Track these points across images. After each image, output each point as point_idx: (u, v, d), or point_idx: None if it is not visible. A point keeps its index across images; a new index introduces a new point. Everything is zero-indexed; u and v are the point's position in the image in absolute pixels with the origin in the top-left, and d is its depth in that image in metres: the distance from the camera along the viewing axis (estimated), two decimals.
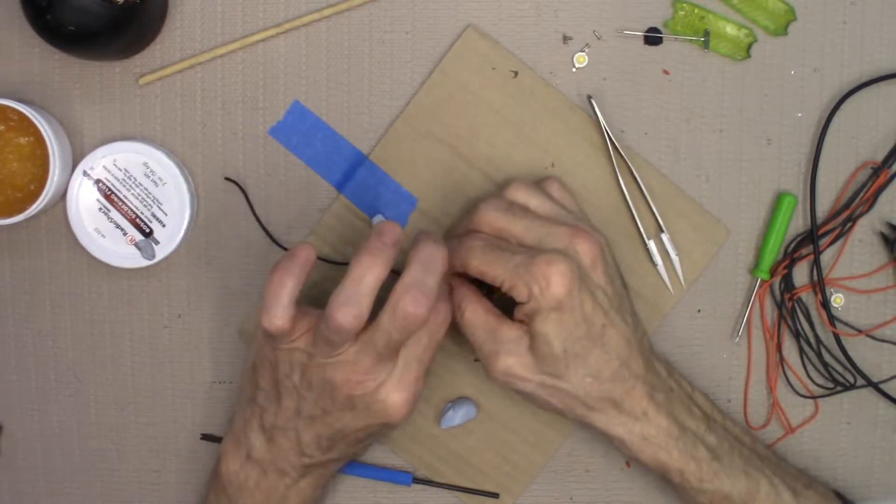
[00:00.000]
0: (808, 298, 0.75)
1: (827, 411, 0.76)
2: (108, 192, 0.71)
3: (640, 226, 0.74)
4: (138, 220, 0.72)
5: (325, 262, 0.74)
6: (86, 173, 0.71)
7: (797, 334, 0.75)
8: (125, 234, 0.72)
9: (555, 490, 0.76)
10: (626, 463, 0.76)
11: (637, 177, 0.73)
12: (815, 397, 0.75)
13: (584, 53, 0.74)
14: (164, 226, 0.72)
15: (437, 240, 0.64)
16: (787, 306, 0.74)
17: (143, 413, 0.75)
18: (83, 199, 0.71)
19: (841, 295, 0.75)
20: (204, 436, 0.76)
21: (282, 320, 0.63)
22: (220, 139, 0.74)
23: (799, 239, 0.74)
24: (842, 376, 0.75)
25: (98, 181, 0.71)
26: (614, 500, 0.76)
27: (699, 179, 0.75)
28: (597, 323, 0.65)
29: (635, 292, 0.74)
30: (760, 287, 0.74)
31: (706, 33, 0.73)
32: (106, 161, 0.71)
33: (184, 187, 0.72)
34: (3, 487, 0.76)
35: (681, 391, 0.69)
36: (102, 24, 0.66)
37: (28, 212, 0.69)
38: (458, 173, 0.74)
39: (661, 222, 0.74)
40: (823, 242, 0.74)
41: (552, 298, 0.64)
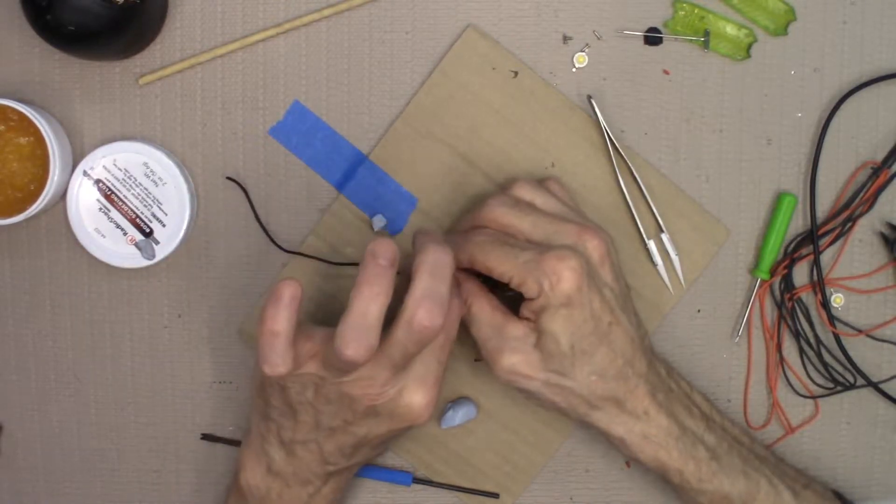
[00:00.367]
0: (808, 298, 0.75)
1: (827, 411, 0.76)
2: (108, 192, 0.71)
3: (640, 226, 0.74)
4: (138, 220, 0.72)
5: (326, 263, 0.74)
6: (86, 173, 0.71)
7: (797, 334, 0.75)
8: (125, 234, 0.72)
9: (555, 490, 0.76)
10: (626, 463, 0.76)
11: (637, 177, 0.73)
12: (815, 397, 0.75)
13: (584, 53, 0.74)
14: (164, 226, 0.72)
15: (440, 241, 0.63)
16: (787, 306, 0.74)
17: (143, 413, 0.75)
18: (83, 199, 0.71)
19: (841, 295, 0.75)
20: (204, 436, 0.76)
21: (283, 367, 0.62)
22: (220, 139, 0.74)
23: (799, 239, 0.74)
24: (842, 376, 0.75)
25: (98, 181, 0.71)
26: (614, 500, 0.76)
27: (699, 179, 0.75)
28: (604, 320, 0.65)
29: (635, 292, 0.74)
30: (760, 287, 0.74)
31: (706, 33, 0.73)
32: (106, 161, 0.71)
33: (184, 187, 0.72)
34: (3, 487, 0.76)
35: (680, 391, 0.69)
36: (102, 24, 0.66)
37: (28, 212, 0.69)
38: (458, 173, 0.74)
39: (661, 222, 0.74)
40: (823, 242, 0.74)
41: (562, 294, 0.64)
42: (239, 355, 0.75)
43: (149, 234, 0.72)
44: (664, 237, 0.74)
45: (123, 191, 0.71)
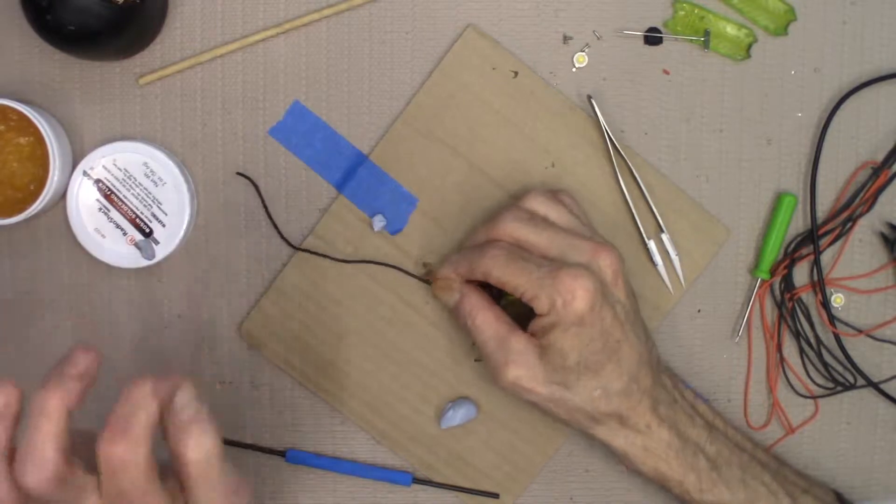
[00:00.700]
0: (808, 298, 0.75)
1: (827, 411, 0.76)
2: (108, 192, 0.71)
3: (640, 226, 0.74)
4: (138, 220, 0.72)
5: (327, 258, 0.74)
6: (86, 173, 0.71)
7: (797, 334, 0.75)
8: (125, 234, 0.72)
9: (555, 490, 0.76)
10: None
11: (637, 177, 0.73)
12: (815, 397, 0.75)
13: (584, 53, 0.74)
14: (164, 226, 0.72)
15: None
16: (787, 306, 0.74)
17: None
18: (83, 199, 0.71)
19: (841, 295, 0.75)
20: None
21: (46, 476, 0.51)
22: (220, 139, 0.74)
23: (799, 239, 0.74)
24: (842, 376, 0.75)
25: (98, 181, 0.71)
26: (614, 500, 0.76)
27: (699, 179, 0.75)
28: (613, 337, 0.65)
29: (635, 293, 0.74)
30: (760, 287, 0.74)
31: (706, 33, 0.73)
32: (106, 161, 0.71)
33: (184, 187, 0.72)
34: None
35: (684, 401, 0.69)
36: (102, 24, 0.66)
37: (28, 212, 0.69)
38: (458, 173, 0.74)
39: (661, 222, 0.74)
40: (823, 242, 0.74)
41: (574, 313, 0.64)
42: (239, 355, 0.75)
43: (149, 234, 0.72)
44: (664, 237, 0.74)
45: (123, 191, 0.71)
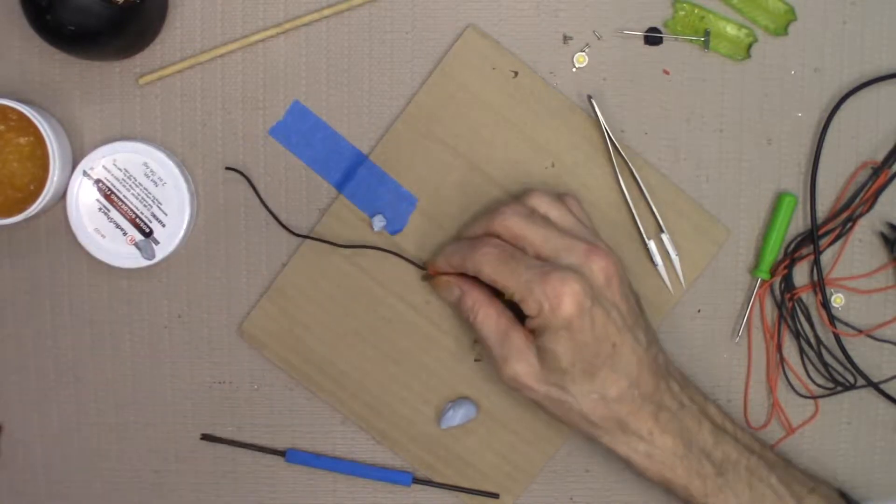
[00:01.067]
0: (808, 298, 0.75)
1: (827, 411, 0.76)
2: (108, 192, 0.71)
3: (640, 226, 0.74)
4: (138, 220, 0.72)
5: (333, 245, 0.74)
6: (86, 173, 0.71)
7: (797, 334, 0.75)
8: (125, 234, 0.72)
9: (555, 490, 0.76)
10: None
11: (637, 177, 0.73)
12: (815, 397, 0.75)
13: (584, 53, 0.74)
14: (164, 226, 0.72)
15: None
16: (788, 306, 0.74)
17: (143, 413, 0.75)
18: (83, 199, 0.71)
19: (841, 295, 0.75)
20: (204, 436, 0.75)
21: None
22: (220, 139, 0.74)
23: (799, 239, 0.74)
24: (842, 376, 0.75)
25: (98, 181, 0.71)
26: (614, 500, 0.76)
27: (699, 179, 0.75)
28: (608, 342, 0.65)
29: (638, 295, 0.74)
30: (760, 287, 0.74)
31: (706, 33, 0.73)
32: (106, 161, 0.71)
33: (184, 187, 0.72)
34: (3, 487, 0.76)
35: (693, 406, 0.69)
36: (102, 24, 0.66)
37: (28, 212, 0.69)
38: (458, 173, 0.74)
39: (661, 222, 0.74)
40: (823, 242, 0.74)
41: (561, 317, 0.64)
42: (239, 355, 0.75)
43: (149, 234, 0.72)
44: (664, 237, 0.74)
45: (123, 191, 0.71)
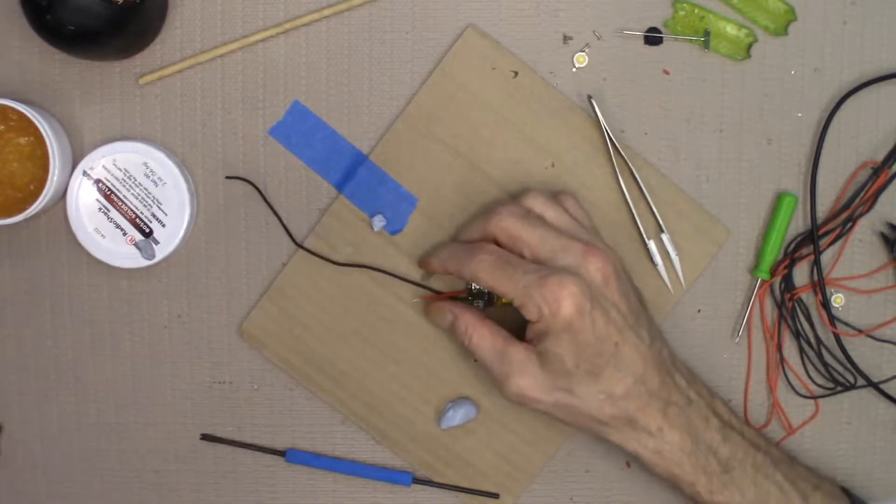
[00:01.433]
0: (809, 298, 0.75)
1: (827, 411, 0.76)
2: (108, 192, 0.71)
3: (640, 226, 0.74)
4: (138, 220, 0.72)
5: (328, 262, 0.74)
6: (86, 173, 0.71)
7: (797, 334, 0.75)
8: (125, 234, 0.72)
9: (555, 490, 0.76)
10: (627, 463, 0.76)
11: (637, 177, 0.73)
12: (815, 397, 0.75)
13: (584, 53, 0.74)
14: (164, 226, 0.72)
15: None
16: (788, 306, 0.74)
17: (143, 413, 0.75)
18: (83, 199, 0.71)
19: (841, 295, 0.75)
20: (204, 436, 0.75)
21: None
22: (220, 139, 0.74)
23: (799, 239, 0.74)
24: (842, 376, 0.75)
25: (98, 181, 0.71)
26: (614, 500, 0.76)
27: (699, 179, 0.75)
28: (610, 341, 0.65)
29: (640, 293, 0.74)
30: (760, 287, 0.74)
31: (706, 33, 0.73)
32: (106, 161, 0.71)
33: (184, 187, 0.72)
34: (3, 487, 0.76)
35: (700, 401, 0.69)
36: (102, 24, 0.66)
37: (28, 212, 0.69)
38: (457, 173, 0.74)
39: (661, 222, 0.74)
40: (823, 242, 0.74)
41: (562, 320, 0.64)
42: (239, 355, 0.75)
43: (149, 234, 0.72)
44: (664, 237, 0.74)
45: (123, 191, 0.71)
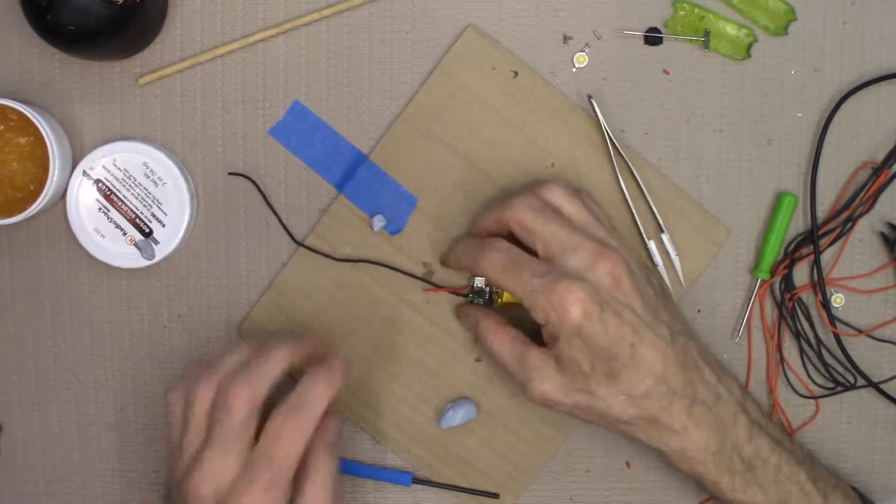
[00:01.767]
0: (809, 298, 0.75)
1: (827, 411, 0.76)
2: (108, 192, 0.71)
3: (640, 226, 0.74)
4: (138, 220, 0.72)
5: (329, 258, 0.74)
6: (85, 173, 0.71)
7: (797, 334, 0.75)
8: (125, 234, 0.72)
9: (555, 490, 0.76)
10: (626, 463, 0.76)
11: (637, 177, 0.73)
12: (815, 397, 0.75)
13: (584, 53, 0.74)
14: (164, 226, 0.72)
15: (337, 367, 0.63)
16: (788, 306, 0.74)
17: (143, 413, 0.75)
18: (83, 199, 0.71)
19: (841, 295, 0.75)
20: None
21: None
22: (220, 139, 0.74)
23: (799, 239, 0.74)
24: (842, 376, 0.75)
25: (98, 181, 0.71)
26: (614, 500, 0.76)
27: (699, 179, 0.75)
28: (625, 343, 0.65)
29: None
30: (760, 287, 0.74)
31: (706, 33, 0.73)
32: (106, 161, 0.71)
33: (184, 187, 0.72)
34: (3, 487, 0.76)
35: (730, 398, 0.68)
36: (102, 24, 0.66)
37: (28, 212, 0.69)
38: (458, 173, 0.74)
39: (661, 222, 0.74)
40: (823, 242, 0.74)
41: (570, 326, 0.64)
42: None
43: (148, 234, 0.72)
44: (664, 237, 0.74)
45: (123, 191, 0.71)
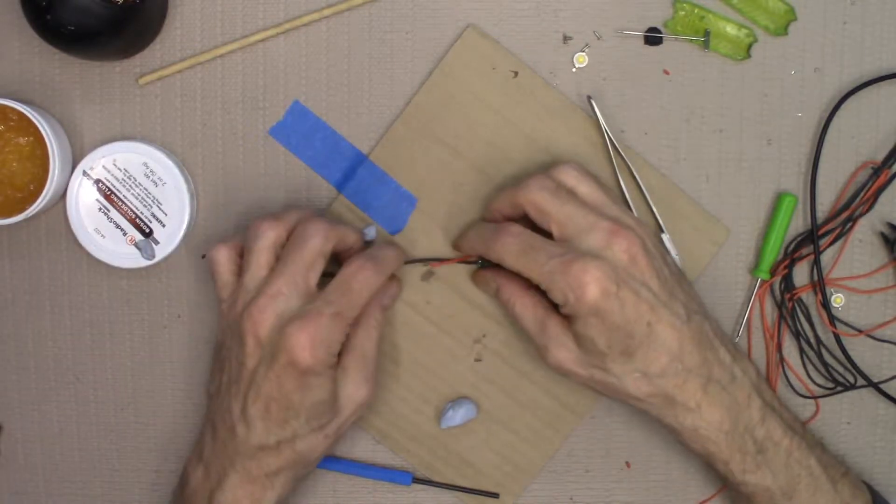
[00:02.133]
0: (808, 298, 0.75)
1: (827, 411, 0.76)
2: (108, 192, 0.71)
3: None
4: (138, 220, 0.72)
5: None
6: (86, 173, 0.71)
7: (797, 334, 0.75)
8: (125, 234, 0.72)
9: (555, 490, 0.76)
10: (626, 463, 0.76)
11: (637, 177, 0.73)
12: (815, 397, 0.75)
13: (584, 53, 0.74)
14: (164, 226, 0.72)
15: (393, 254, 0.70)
16: (788, 306, 0.74)
17: (143, 413, 0.75)
18: (83, 199, 0.71)
19: (841, 295, 0.75)
20: None
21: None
22: (220, 139, 0.74)
23: (799, 239, 0.74)
24: (842, 376, 0.75)
25: (98, 181, 0.71)
26: (614, 500, 0.76)
27: (699, 179, 0.75)
28: (641, 321, 0.65)
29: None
30: (760, 287, 0.74)
31: (706, 33, 0.73)
32: (106, 161, 0.71)
33: (184, 187, 0.72)
34: (3, 487, 0.76)
35: (745, 378, 0.68)
36: (102, 24, 0.66)
37: (28, 212, 0.69)
38: (458, 173, 0.74)
39: (661, 222, 0.74)
40: (823, 242, 0.74)
41: (587, 305, 0.64)
42: None
43: (148, 234, 0.72)
44: (664, 237, 0.74)
45: (123, 191, 0.71)
